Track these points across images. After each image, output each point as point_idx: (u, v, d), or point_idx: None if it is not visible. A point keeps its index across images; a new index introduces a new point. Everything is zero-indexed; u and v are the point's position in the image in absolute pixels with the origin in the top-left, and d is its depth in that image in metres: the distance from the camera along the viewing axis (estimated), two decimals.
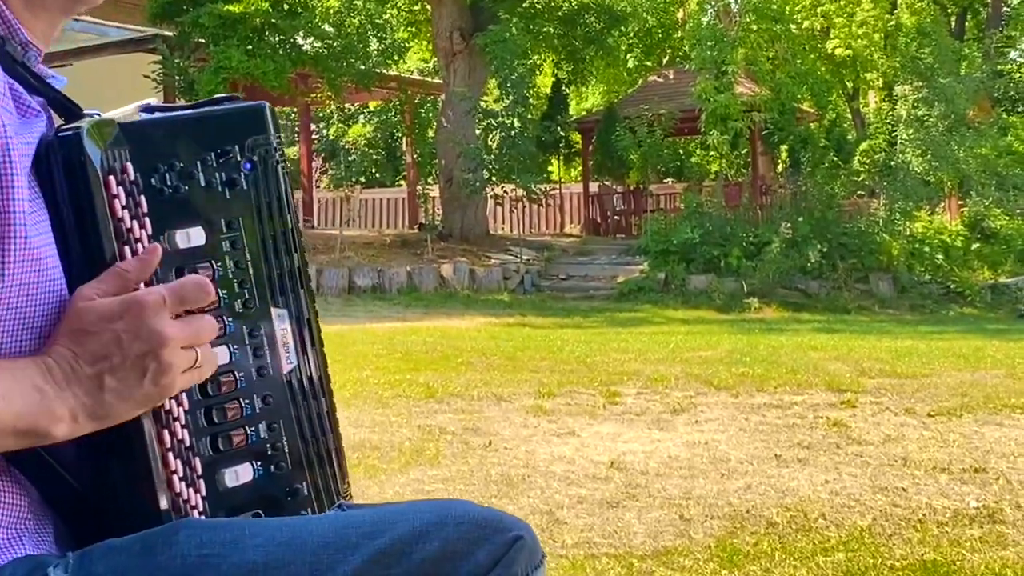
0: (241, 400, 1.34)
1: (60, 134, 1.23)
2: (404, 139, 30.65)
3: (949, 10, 33.52)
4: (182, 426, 1.28)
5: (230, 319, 1.33)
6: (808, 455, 6.51)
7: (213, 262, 1.32)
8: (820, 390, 9.17)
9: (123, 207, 1.23)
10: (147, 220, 1.25)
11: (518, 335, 14.85)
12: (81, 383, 1.13)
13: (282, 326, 1.39)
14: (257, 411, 1.36)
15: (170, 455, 1.26)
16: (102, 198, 1.21)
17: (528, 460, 6.40)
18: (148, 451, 1.24)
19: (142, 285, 1.20)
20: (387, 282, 21.24)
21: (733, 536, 4.80)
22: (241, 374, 1.34)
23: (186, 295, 1.19)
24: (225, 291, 1.33)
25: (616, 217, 29.32)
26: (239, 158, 1.35)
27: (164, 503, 1.26)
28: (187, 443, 1.29)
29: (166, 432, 1.26)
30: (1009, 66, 32.14)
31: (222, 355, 1.30)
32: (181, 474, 1.28)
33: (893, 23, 28.45)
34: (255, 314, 1.36)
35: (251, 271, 1.36)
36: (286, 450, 1.39)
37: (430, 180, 28.90)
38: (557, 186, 29.30)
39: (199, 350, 1.20)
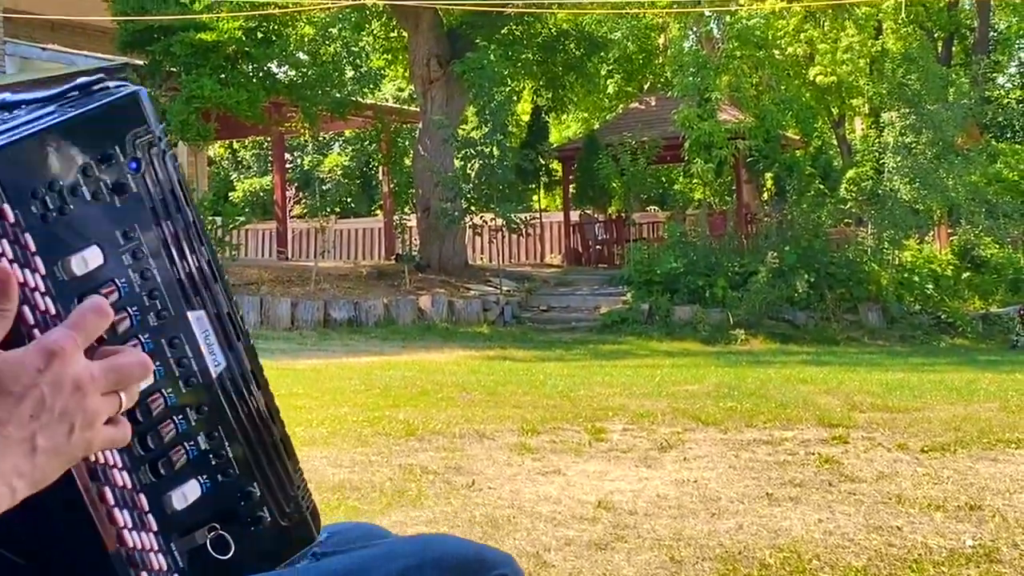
0: (174, 417, 1.25)
1: None
2: (380, 168, 30.51)
3: (935, 35, 33.56)
4: (120, 470, 1.18)
5: (146, 336, 1.21)
6: (800, 493, 6.47)
7: (116, 280, 1.19)
8: (811, 425, 9.11)
9: (11, 261, 1.10)
10: (37, 259, 1.12)
11: (499, 369, 14.76)
12: (12, 449, 1.01)
13: (202, 328, 1.29)
14: (193, 423, 1.28)
15: (115, 510, 1.18)
16: None
17: (513, 500, 6.33)
18: (94, 522, 1.15)
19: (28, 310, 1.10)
20: (364, 315, 21.05)
21: None
22: (168, 390, 1.25)
23: (88, 327, 1.06)
24: (135, 307, 1.21)
25: (598, 247, 29.21)
26: (123, 159, 1.21)
27: (118, 565, 1.18)
28: (128, 485, 1.20)
29: (107, 488, 1.17)
30: (997, 92, 32.04)
31: None
32: (130, 525, 1.19)
33: (878, 49, 28.35)
34: (171, 323, 1.26)
35: (159, 278, 1.24)
36: (230, 455, 1.31)
37: (407, 210, 28.76)
38: (537, 215, 29.06)
39: (123, 395, 1.08)
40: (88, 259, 1.17)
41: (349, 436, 8.47)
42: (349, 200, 37.22)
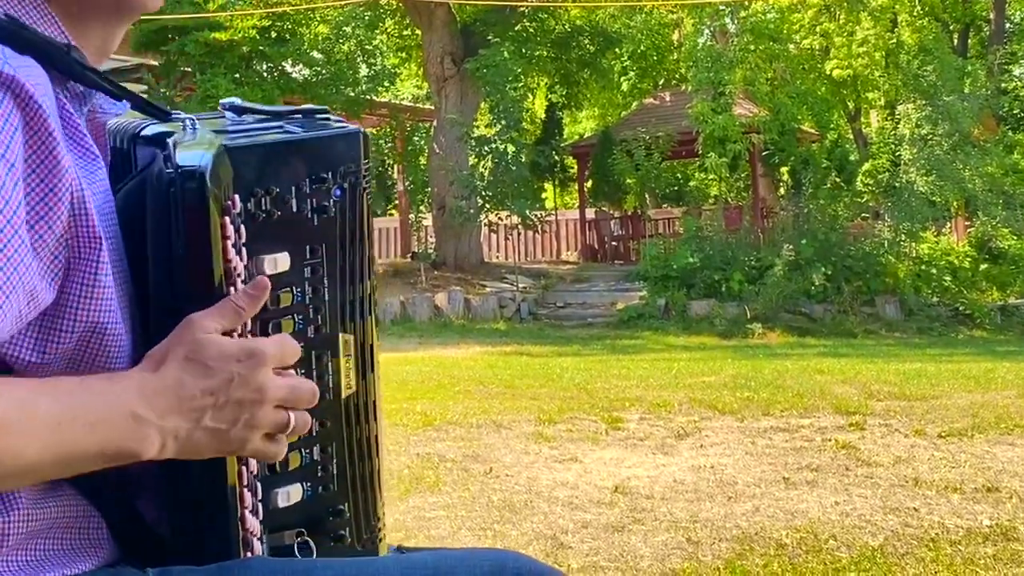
0: None
1: (182, 168, 1.22)
2: (395, 167, 30.49)
3: (951, 27, 33.38)
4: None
5: (301, 344, 1.28)
6: (817, 477, 6.52)
7: (294, 287, 1.32)
8: (827, 413, 9.13)
9: (233, 246, 1.24)
10: (244, 249, 1.26)
11: (516, 363, 14.77)
12: (184, 415, 1.13)
13: (347, 352, 1.40)
14: (314, 434, 1.37)
15: (246, 491, 1.29)
16: (218, 241, 1.22)
17: (530, 486, 6.40)
18: (230, 495, 1.27)
19: None
20: (380, 313, 20.76)
21: (742, 558, 4.78)
22: None
23: (286, 354, 1.20)
24: (301, 316, 1.34)
25: (614, 243, 29.15)
26: (331, 185, 1.35)
27: (235, 539, 1.29)
28: (255, 472, 1.30)
29: (244, 468, 1.28)
30: (1014, 83, 31.83)
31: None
32: (250, 507, 1.29)
33: (894, 41, 28.16)
34: (325, 339, 1.37)
35: (327, 297, 1.37)
36: (334, 472, 1.42)
37: (422, 208, 28.73)
38: (553, 212, 29.02)
39: (292, 415, 1.20)
40: (279, 261, 1.29)
41: None
42: None
